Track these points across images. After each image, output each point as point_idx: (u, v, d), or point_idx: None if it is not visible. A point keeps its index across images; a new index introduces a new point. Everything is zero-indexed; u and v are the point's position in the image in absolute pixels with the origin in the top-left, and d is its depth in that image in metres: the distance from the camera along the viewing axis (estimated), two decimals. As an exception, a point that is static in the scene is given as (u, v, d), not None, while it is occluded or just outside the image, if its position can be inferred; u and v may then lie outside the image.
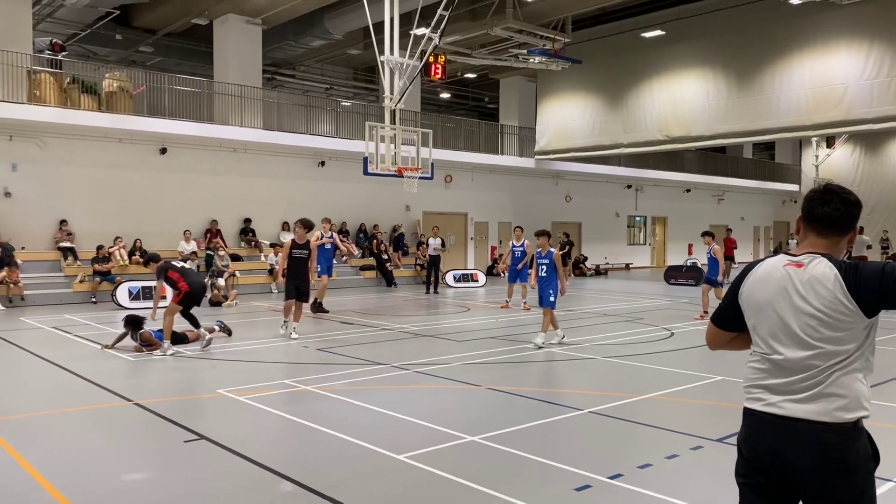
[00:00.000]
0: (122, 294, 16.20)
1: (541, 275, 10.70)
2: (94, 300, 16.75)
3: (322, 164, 22.49)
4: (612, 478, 4.97)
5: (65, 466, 5.28)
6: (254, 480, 5.01)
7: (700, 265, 22.82)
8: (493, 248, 27.55)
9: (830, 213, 2.54)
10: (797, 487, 2.47)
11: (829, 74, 18.36)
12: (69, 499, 4.61)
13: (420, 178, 16.57)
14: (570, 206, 30.31)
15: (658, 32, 22.13)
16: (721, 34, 20.80)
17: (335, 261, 16.47)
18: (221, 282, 17.24)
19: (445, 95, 33.77)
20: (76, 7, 19.93)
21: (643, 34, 22.44)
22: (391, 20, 15.59)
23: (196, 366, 9.31)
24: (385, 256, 22.54)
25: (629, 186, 32.91)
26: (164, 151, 19.45)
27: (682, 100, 21.67)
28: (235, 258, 19.75)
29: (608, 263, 31.21)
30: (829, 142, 32.35)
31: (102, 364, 9.27)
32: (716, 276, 13.95)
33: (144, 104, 18.92)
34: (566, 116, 25.41)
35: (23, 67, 17.05)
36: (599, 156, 25.96)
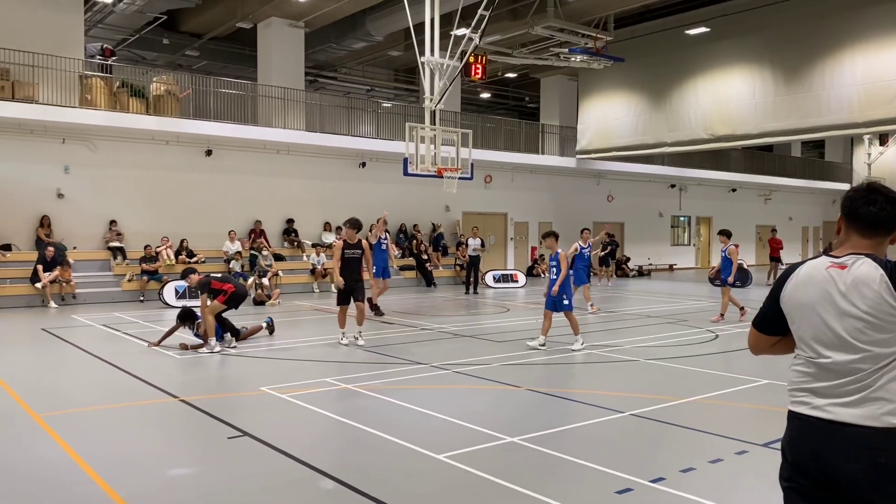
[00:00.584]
0: (169, 293, 16.58)
1: (551, 277, 10.43)
2: (142, 299, 17.19)
3: (363, 165, 22.67)
4: (654, 481, 4.90)
5: (113, 460, 5.42)
6: (295, 477, 5.07)
7: (746, 266, 22.33)
8: (534, 249, 27.37)
9: (876, 214, 2.46)
10: (842, 492, 2.41)
11: (883, 69, 17.75)
12: (117, 492, 4.73)
13: (460, 179, 16.59)
14: (612, 206, 29.94)
15: (703, 29, 21.76)
16: (767, 30, 20.33)
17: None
18: (266, 281, 17.50)
19: (485, 95, 33.71)
20: (125, 13, 20.47)
21: (687, 31, 22.09)
22: (431, 21, 15.65)
23: (240, 363, 9.47)
24: (425, 257, 22.61)
25: (673, 186, 32.37)
26: (210, 153, 19.83)
27: (728, 97, 21.24)
28: (279, 258, 20.03)
29: (651, 264, 30.78)
30: (883, 139, 31.37)
31: (149, 361, 9.50)
32: (727, 277, 13.66)
33: (190, 107, 19.32)
34: (608, 115, 25.11)
35: (75, 73, 17.59)
36: (642, 155, 25.57)
